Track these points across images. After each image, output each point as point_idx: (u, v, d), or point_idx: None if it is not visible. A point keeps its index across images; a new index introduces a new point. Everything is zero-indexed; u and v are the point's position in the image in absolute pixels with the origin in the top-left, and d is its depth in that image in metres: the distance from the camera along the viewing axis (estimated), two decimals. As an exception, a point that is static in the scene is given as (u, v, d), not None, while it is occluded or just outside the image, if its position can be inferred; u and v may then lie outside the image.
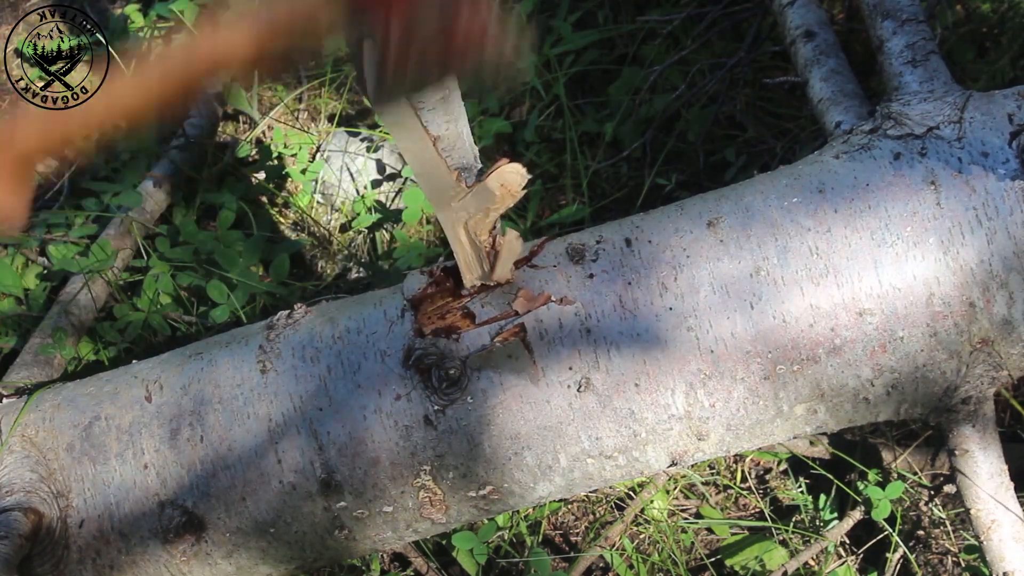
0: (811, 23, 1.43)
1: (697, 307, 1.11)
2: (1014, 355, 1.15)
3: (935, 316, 1.11)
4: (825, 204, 1.13)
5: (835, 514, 1.54)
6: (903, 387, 1.15)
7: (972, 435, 1.19)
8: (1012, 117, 1.14)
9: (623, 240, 1.16)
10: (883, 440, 1.56)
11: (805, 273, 1.11)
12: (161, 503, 1.15)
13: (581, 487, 1.20)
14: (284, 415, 1.14)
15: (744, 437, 1.18)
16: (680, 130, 1.90)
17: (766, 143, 1.87)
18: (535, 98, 2.00)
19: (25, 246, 1.83)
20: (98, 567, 1.17)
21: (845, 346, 1.11)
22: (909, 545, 1.51)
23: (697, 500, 1.60)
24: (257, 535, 1.17)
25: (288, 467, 1.14)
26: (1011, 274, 1.11)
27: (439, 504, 1.17)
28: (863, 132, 1.21)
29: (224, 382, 1.17)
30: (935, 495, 1.54)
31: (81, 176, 2.06)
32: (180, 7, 2.14)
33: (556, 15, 2.05)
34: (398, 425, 1.12)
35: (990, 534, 1.18)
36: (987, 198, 1.11)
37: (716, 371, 1.12)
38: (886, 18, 1.31)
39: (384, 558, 1.55)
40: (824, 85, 1.35)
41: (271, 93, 2.17)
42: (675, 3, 2.04)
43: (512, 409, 1.12)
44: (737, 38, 1.97)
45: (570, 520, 1.61)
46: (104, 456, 1.16)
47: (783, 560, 1.49)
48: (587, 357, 1.11)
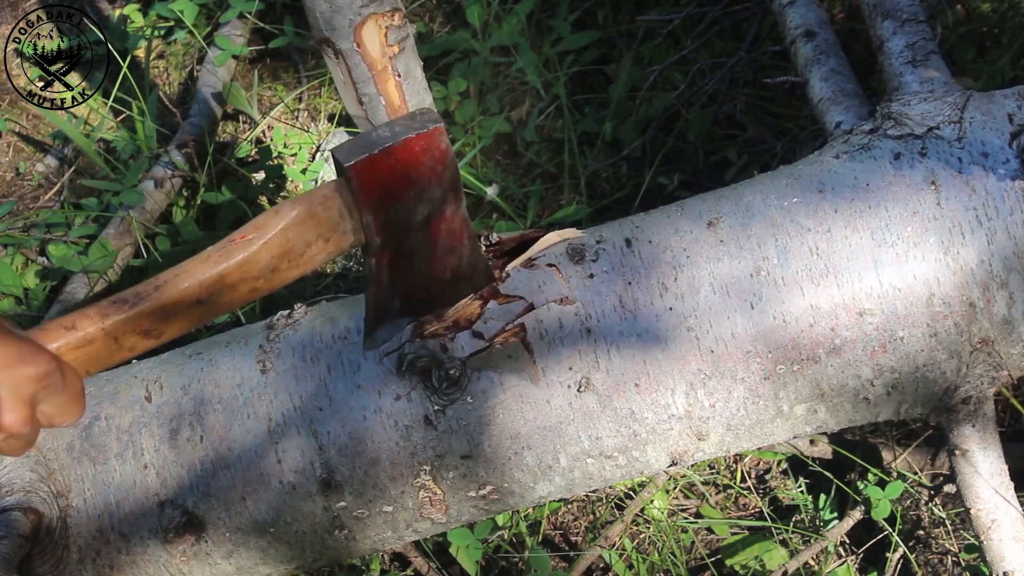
0: (811, 23, 1.43)
1: (697, 307, 1.11)
2: (1014, 355, 1.15)
3: (935, 316, 1.11)
4: (825, 204, 1.13)
5: (835, 514, 1.54)
6: (903, 387, 1.15)
7: (972, 435, 1.19)
8: (1012, 117, 1.14)
9: (623, 240, 1.16)
10: (883, 440, 1.56)
11: (805, 273, 1.11)
12: (161, 503, 1.15)
13: (581, 487, 1.20)
14: (284, 415, 1.14)
15: (744, 437, 1.18)
16: (680, 130, 1.90)
17: (766, 143, 1.87)
18: (535, 98, 2.00)
19: (25, 246, 1.83)
20: (98, 567, 1.17)
21: (845, 346, 1.11)
22: (909, 545, 1.51)
23: (697, 500, 1.60)
24: (257, 535, 1.17)
25: (288, 467, 1.14)
26: (1011, 274, 1.11)
27: (439, 504, 1.17)
28: (863, 132, 1.21)
29: (224, 382, 1.17)
30: (935, 495, 1.54)
31: (81, 176, 2.06)
32: (180, 7, 2.14)
33: (556, 15, 2.05)
34: (398, 425, 1.12)
35: (990, 534, 1.18)
36: (987, 198, 1.11)
37: (716, 371, 1.12)
38: (886, 18, 1.31)
39: (384, 558, 1.55)
40: (824, 85, 1.35)
41: (271, 93, 2.17)
42: (675, 3, 2.04)
43: (512, 409, 1.12)
44: (737, 38, 1.97)
45: (570, 520, 1.61)
46: (104, 456, 1.16)
47: (783, 560, 1.49)
48: (587, 357, 1.11)
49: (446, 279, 1.05)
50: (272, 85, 2.18)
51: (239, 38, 2.15)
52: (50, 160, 2.13)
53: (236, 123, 2.15)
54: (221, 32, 2.14)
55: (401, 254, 0.99)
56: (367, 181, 0.93)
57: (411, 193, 0.95)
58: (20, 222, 1.94)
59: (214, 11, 2.22)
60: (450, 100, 1.98)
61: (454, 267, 1.05)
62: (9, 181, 2.12)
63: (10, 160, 2.15)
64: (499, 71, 2.04)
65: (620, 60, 2.02)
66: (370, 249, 0.98)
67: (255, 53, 2.22)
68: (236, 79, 2.16)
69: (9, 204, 1.99)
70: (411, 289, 1.02)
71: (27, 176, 2.12)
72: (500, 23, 2.03)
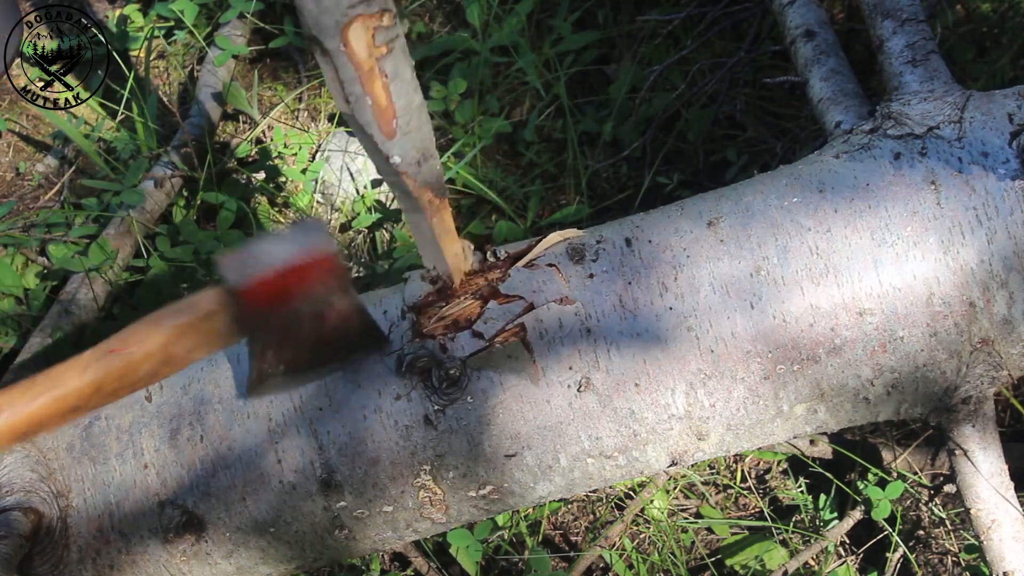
0: (811, 23, 1.43)
1: (697, 307, 1.11)
2: (1014, 355, 1.15)
3: (935, 316, 1.11)
4: (825, 204, 1.13)
5: (835, 514, 1.54)
6: (903, 387, 1.15)
7: (972, 435, 1.19)
8: (1012, 117, 1.14)
9: (623, 240, 1.16)
10: (883, 440, 1.56)
11: (805, 273, 1.11)
12: (161, 503, 1.15)
13: (581, 487, 1.20)
14: (284, 415, 1.14)
15: (744, 437, 1.18)
16: (680, 130, 1.90)
17: (766, 143, 1.87)
18: (535, 98, 2.00)
19: (25, 246, 1.83)
20: (98, 567, 1.17)
21: (845, 346, 1.11)
22: (909, 545, 1.50)
23: (697, 500, 1.60)
24: (257, 535, 1.17)
25: (288, 467, 1.14)
26: (1011, 274, 1.11)
27: (439, 504, 1.17)
28: (863, 132, 1.21)
29: (224, 381, 1.17)
30: (935, 495, 1.54)
31: (81, 176, 2.06)
32: (180, 7, 2.14)
33: (556, 15, 2.05)
34: (398, 425, 1.12)
35: (990, 534, 1.18)
36: (987, 198, 1.11)
37: (716, 371, 1.12)
38: (886, 18, 1.31)
39: (384, 558, 1.55)
40: (824, 85, 1.35)
41: (271, 93, 2.17)
42: (675, 3, 2.04)
43: (512, 409, 1.12)
44: (737, 38, 1.97)
45: (570, 520, 1.61)
46: (104, 456, 1.16)
47: (783, 560, 1.49)
48: (587, 357, 1.11)
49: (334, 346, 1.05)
50: (272, 85, 2.18)
51: (239, 38, 2.15)
52: (50, 160, 2.13)
53: (236, 123, 2.14)
54: (221, 32, 2.14)
55: (287, 342, 0.99)
56: (254, 301, 0.93)
57: (298, 303, 0.96)
58: (20, 222, 1.94)
59: (214, 11, 2.21)
60: (450, 100, 1.98)
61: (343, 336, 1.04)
62: (9, 181, 2.12)
63: (10, 160, 2.15)
64: (499, 71, 2.04)
65: (620, 60, 2.02)
66: (254, 344, 0.98)
67: (255, 53, 2.22)
68: (236, 79, 2.16)
69: (9, 204, 1.99)
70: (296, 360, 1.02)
71: (27, 176, 2.11)
72: (500, 23, 2.03)
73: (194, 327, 0.93)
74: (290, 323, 0.97)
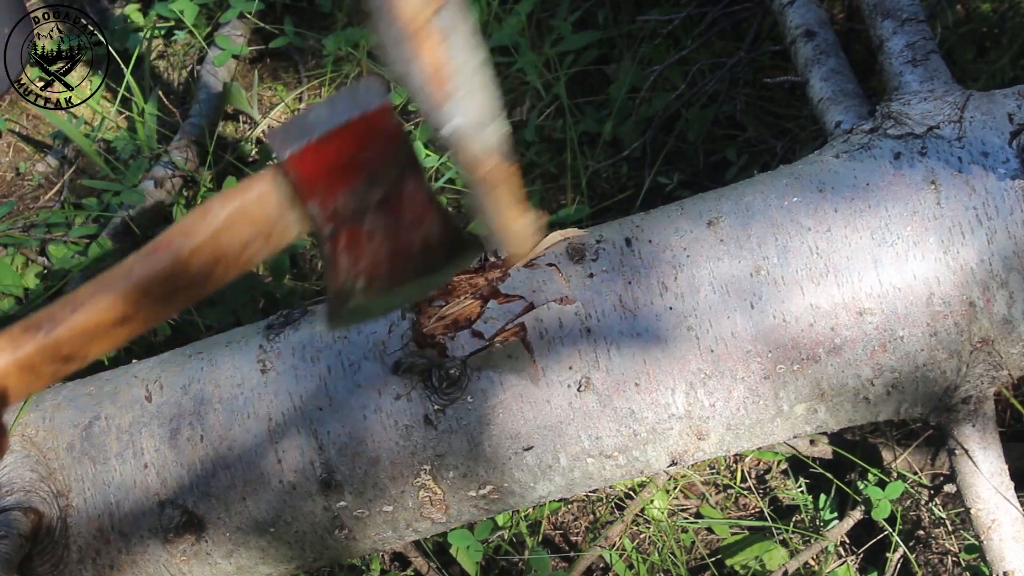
0: (811, 23, 1.43)
1: (697, 307, 1.11)
2: (1014, 354, 1.15)
3: (935, 316, 1.11)
4: (825, 204, 1.13)
5: (835, 514, 1.54)
6: (903, 387, 1.15)
7: (972, 435, 1.19)
8: (1012, 117, 1.14)
9: (623, 240, 1.16)
10: (883, 440, 1.56)
11: (805, 273, 1.11)
12: (161, 503, 1.15)
13: (581, 487, 1.20)
14: (284, 415, 1.14)
15: (744, 437, 1.18)
16: (680, 130, 1.90)
17: (766, 143, 1.87)
18: (535, 98, 2.00)
19: (25, 246, 1.83)
20: (98, 567, 1.17)
21: (845, 345, 1.11)
22: (909, 545, 1.50)
23: (697, 500, 1.60)
24: (257, 535, 1.17)
25: (288, 467, 1.14)
26: (1011, 273, 1.10)
27: (439, 504, 1.17)
28: (863, 132, 1.21)
29: (224, 382, 1.17)
30: (935, 495, 1.54)
31: (81, 176, 2.06)
32: (180, 7, 2.14)
33: (556, 15, 2.05)
34: (398, 425, 1.12)
35: (990, 534, 1.18)
36: (987, 198, 1.11)
37: (716, 370, 1.12)
38: (886, 18, 1.31)
39: (384, 558, 1.55)
40: (824, 85, 1.35)
41: (271, 93, 2.17)
42: (675, 3, 2.04)
43: (512, 409, 1.12)
44: (737, 38, 1.97)
45: (570, 520, 1.61)
46: (104, 456, 1.16)
47: (783, 560, 1.49)
48: (587, 357, 1.11)
49: (414, 251, 0.91)
50: (272, 85, 2.18)
51: (239, 38, 2.15)
52: (50, 160, 2.13)
53: (236, 123, 2.14)
54: (221, 32, 2.14)
55: (358, 236, 0.87)
56: (307, 172, 0.82)
57: (360, 178, 0.85)
58: (20, 222, 1.94)
59: (214, 11, 2.22)
60: (450, 100, 1.97)
61: (423, 239, 0.91)
62: (9, 181, 2.12)
63: (10, 160, 2.15)
64: (499, 71, 2.04)
65: (620, 60, 2.02)
66: (320, 237, 0.86)
67: (255, 53, 2.22)
68: (236, 79, 2.16)
69: (9, 204, 1.99)
70: (375, 267, 0.89)
71: (27, 176, 2.11)
72: (500, 23, 2.03)
73: (245, 213, 0.82)
74: (355, 210, 0.85)
